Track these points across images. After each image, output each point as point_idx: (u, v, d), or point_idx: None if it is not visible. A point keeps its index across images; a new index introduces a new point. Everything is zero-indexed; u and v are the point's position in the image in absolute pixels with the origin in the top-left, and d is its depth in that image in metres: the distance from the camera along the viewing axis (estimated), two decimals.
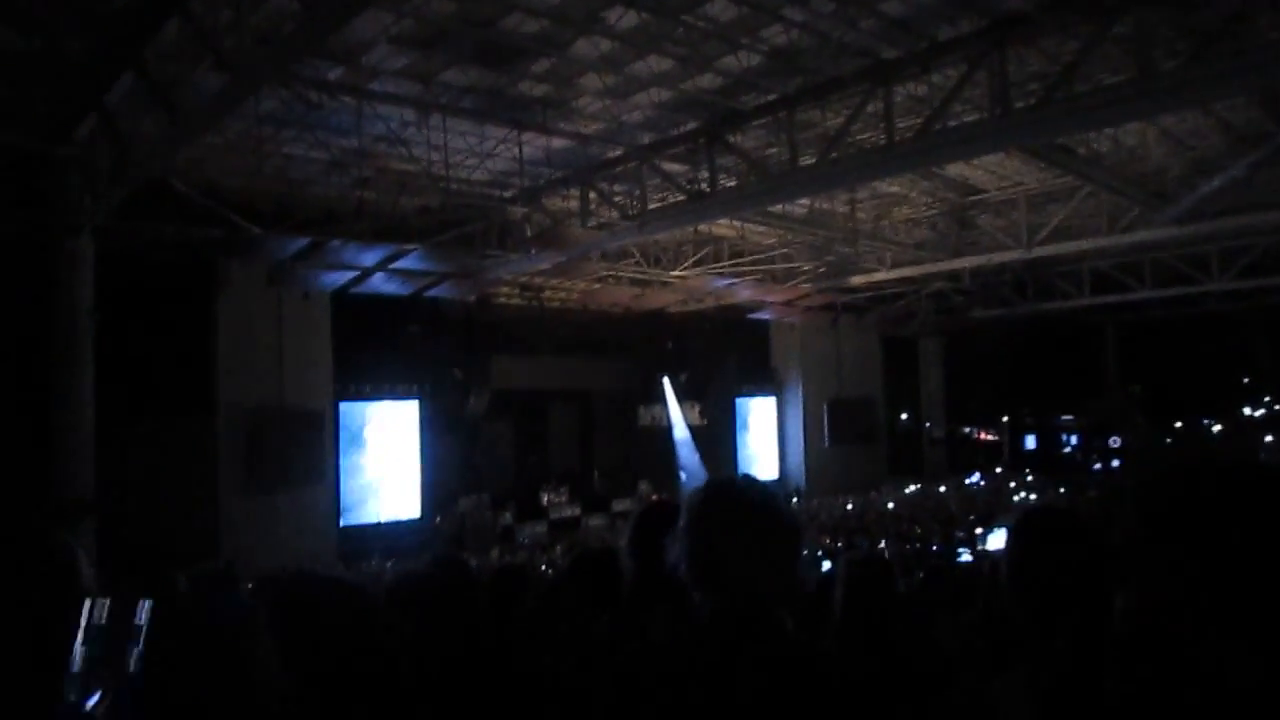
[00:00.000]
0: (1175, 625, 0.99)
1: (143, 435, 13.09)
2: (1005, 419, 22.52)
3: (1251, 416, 23.29)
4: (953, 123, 10.07)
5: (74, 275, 11.16)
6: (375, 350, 17.16)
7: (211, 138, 10.36)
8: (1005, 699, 1.52)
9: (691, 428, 21.72)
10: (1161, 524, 0.99)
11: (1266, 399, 23.29)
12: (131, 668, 1.20)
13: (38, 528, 1.14)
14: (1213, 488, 0.99)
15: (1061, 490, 15.85)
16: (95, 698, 1.38)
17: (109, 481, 11.29)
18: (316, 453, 15.65)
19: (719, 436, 22.32)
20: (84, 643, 1.19)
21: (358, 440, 17.02)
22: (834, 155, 10.75)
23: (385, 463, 17.33)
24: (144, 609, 1.19)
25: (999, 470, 21.69)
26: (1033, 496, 17.14)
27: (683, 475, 21.09)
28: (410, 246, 13.98)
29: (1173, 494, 1.01)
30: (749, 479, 1.67)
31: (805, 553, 1.75)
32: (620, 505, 20.93)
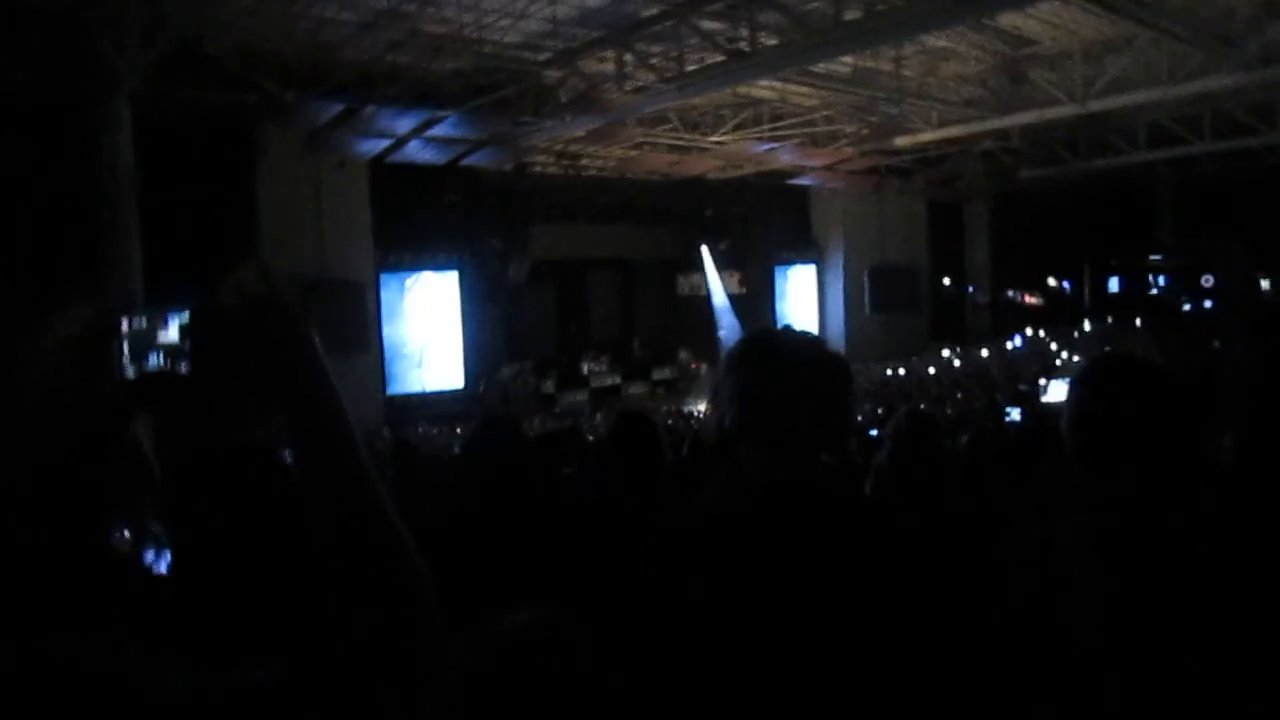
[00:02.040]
0: None
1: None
2: (1070, 292, 22.01)
3: None
4: None
5: (113, 139, 11.14)
6: (414, 220, 17.17)
7: None
8: (1063, 541, 1.53)
9: (731, 296, 21.67)
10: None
11: None
12: None
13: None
14: None
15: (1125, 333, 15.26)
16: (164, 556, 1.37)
17: None
18: (359, 322, 15.89)
19: (758, 305, 22.26)
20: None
21: (399, 310, 17.24)
22: (880, 8, 10.25)
23: (427, 332, 17.58)
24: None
25: (1042, 333, 21.45)
26: (1075, 358, 16.98)
27: (723, 342, 21.18)
28: (445, 113, 13.75)
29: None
30: (789, 327, 1.64)
31: (853, 403, 1.72)
32: (660, 374, 21.18)
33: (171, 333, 1.06)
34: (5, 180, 10.87)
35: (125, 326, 1.07)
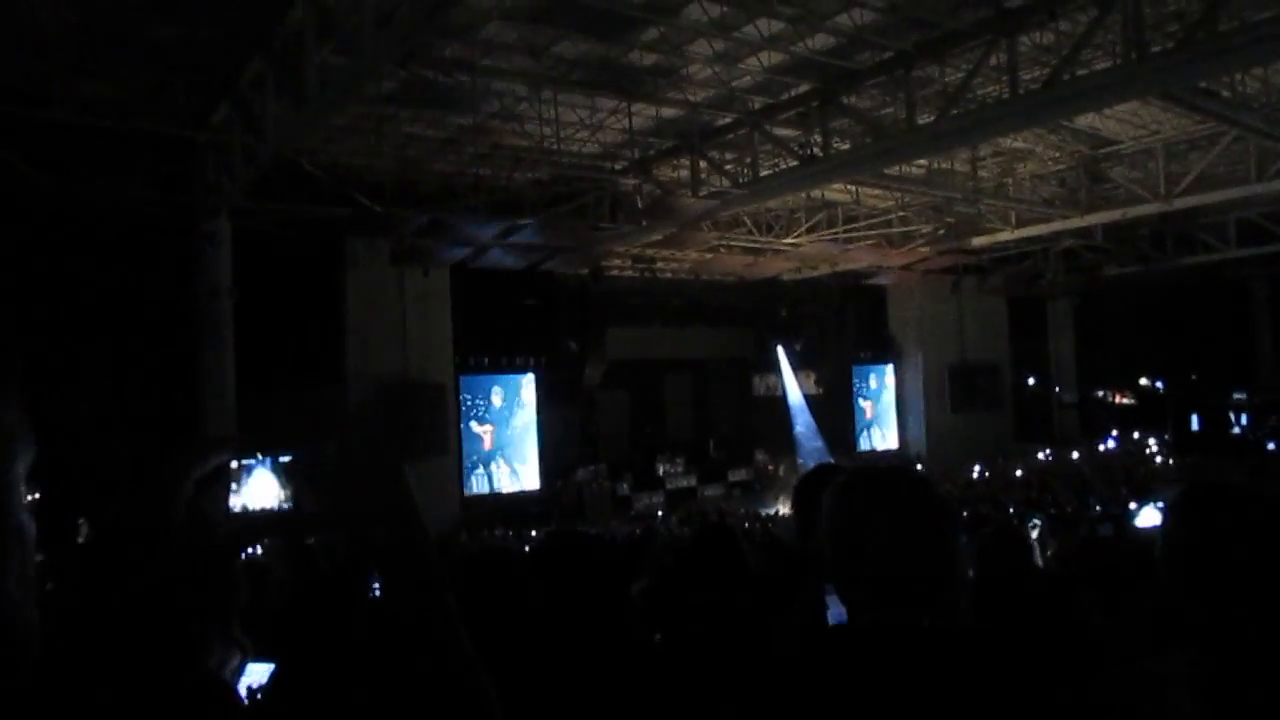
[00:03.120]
0: None
1: (277, 407, 13.74)
2: (1167, 392, 21.27)
3: None
4: (1082, 71, 9.51)
5: (213, 254, 11.82)
6: (493, 323, 17.57)
7: (335, 119, 10.72)
8: (1171, 682, 1.43)
9: (807, 396, 21.46)
10: None
11: None
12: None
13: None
14: None
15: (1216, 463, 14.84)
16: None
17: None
18: (439, 424, 16.17)
19: (836, 405, 21.98)
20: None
21: (477, 412, 17.50)
22: (954, 112, 10.32)
23: (504, 434, 17.77)
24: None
25: (1135, 434, 20.64)
26: (1170, 461, 16.25)
27: (799, 441, 20.90)
28: (525, 221, 14.20)
29: None
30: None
31: (960, 539, 1.66)
32: (736, 475, 20.92)
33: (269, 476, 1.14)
34: (113, 292, 11.54)
35: (235, 464, 1.15)
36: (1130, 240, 19.51)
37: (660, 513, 18.08)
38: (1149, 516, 5.42)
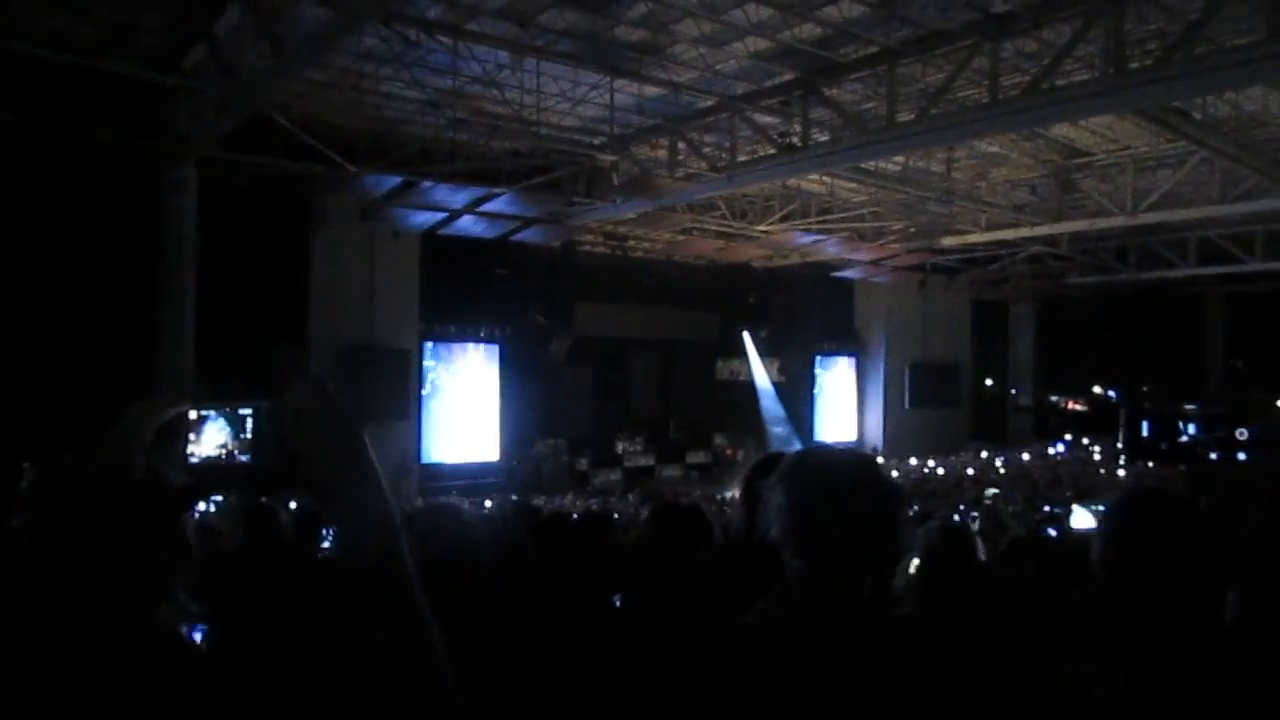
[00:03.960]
0: None
1: (236, 363, 13.55)
2: (1119, 400, 21.72)
3: None
4: (1061, 82, 9.63)
5: (179, 203, 11.58)
6: (461, 292, 17.46)
7: (313, 73, 10.55)
8: (1098, 682, 1.50)
9: (771, 383, 21.65)
10: None
11: None
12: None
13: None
14: None
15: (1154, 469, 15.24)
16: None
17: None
18: (400, 389, 16.07)
19: (797, 394, 22.18)
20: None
21: (440, 380, 17.41)
22: (934, 112, 10.40)
23: (466, 403, 17.71)
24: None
25: (1085, 440, 21.06)
26: (1120, 472, 16.61)
27: (770, 428, 21.06)
28: (500, 190, 14.09)
29: None
30: (842, 446, 1.66)
31: (907, 516, 1.72)
32: (694, 457, 21.05)
33: (222, 427, 1.15)
34: (73, 236, 11.29)
35: (194, 414, 1.16)
36: (1094, 251, 19.86)
37: (625, 492, 18.14)
38: (1083, 519, 5.60)
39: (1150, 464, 16.44)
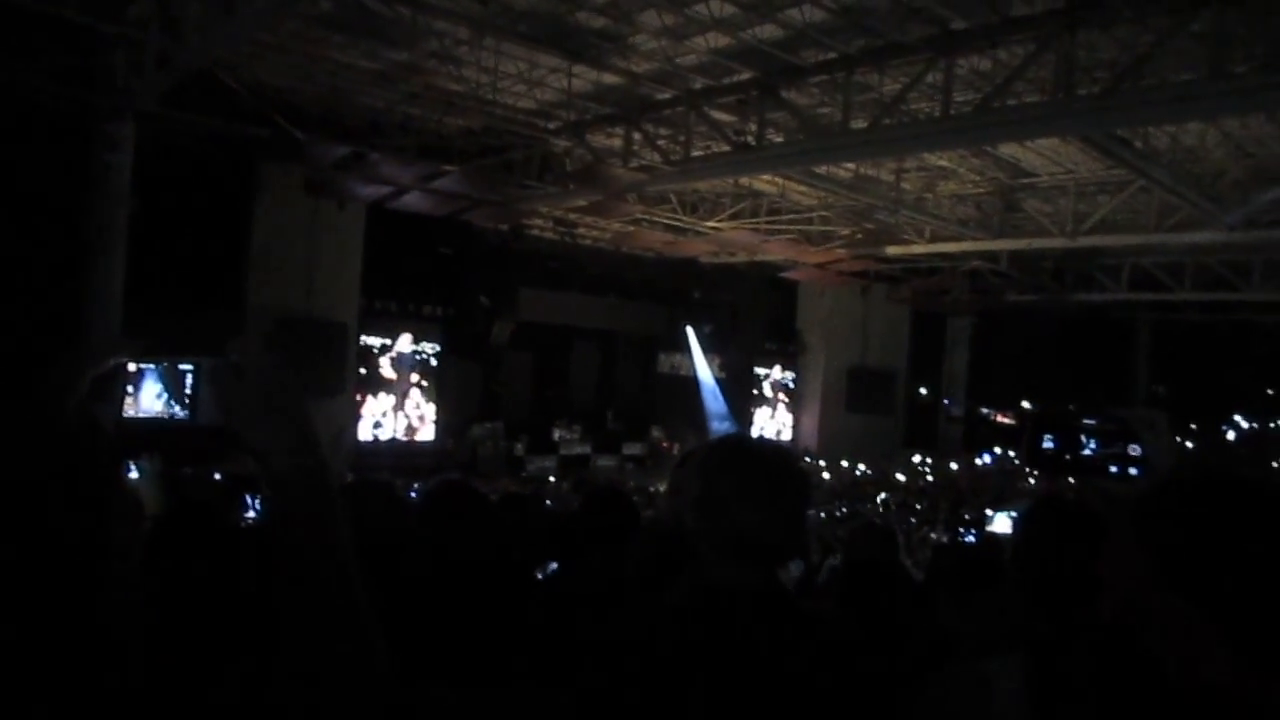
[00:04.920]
0: (1147, 633, 0.97)
1: (169, 329, 13.21)
2: (1026, 412, 22.36)
3: (1275, 427, 23.04)
4: (1012, 102, 9.84)
5: (113, 158, 11.17)
6: (405, 268, 17.22)
7: (263, 34, 10.28)
8: (1001, 681, 1.54)
9: (714, 379, 21.84)
10: (1146, 533, 0.96)
11: None
12: None
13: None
14: (1199, 502, 0.96)
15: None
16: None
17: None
18: (338, 364, 15.79)
19: (736, 392, 22.36)
20: None
21: (375, 356, 17.17)
22: (887, 121, 10.55)
23: (404, 382, 17.50)
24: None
25: (1012, 453, 21.63)
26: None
27: (711, 423, 21.21)
28: (450, 167, 13.93)
29: (1162, 505, 0.98)
30: (761, 436, 1.68)
31: (811, 508, 1.75)
32: (631, 449, 21.11)
33: (159, 383, 1.12)
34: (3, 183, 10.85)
35: (131, 367, 1.13)
36: (1032, 269, 20.37)
37: (552, 478, 18.12)
38: (1003, 524, 5.76)
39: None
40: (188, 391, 1.13)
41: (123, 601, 1.04)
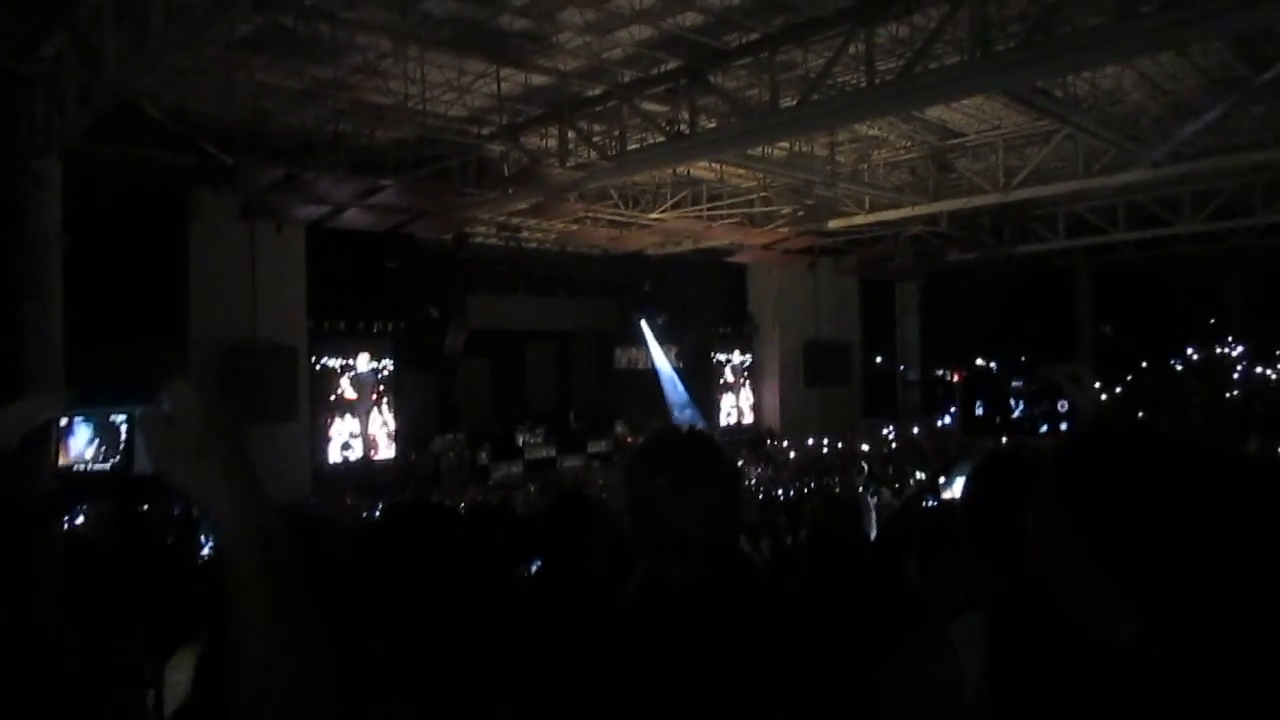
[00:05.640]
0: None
1: (112, 365, 12.91)
2: (957, 381, 22.74)
3: (1224, 355, 23.62)
4: (933, 65, 9.99)
5: (41, 197, 10.93)
6: (350, 286, 17.04)
7: (183, 61, 10.09)
8: (964, 642, 1.57)
9: (672, 369, 21.91)
10: (1058, 490, 0.96)
11: (1230, 339, 23.67)
12: None
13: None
14: (1103, 460, 0.93)
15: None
16: None
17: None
18: (289, 389, 15.56)
19: (696, 379, 22.45)
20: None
21: (331, 377, 16.96)
22: (815, 97, 10.65)
23: (360, 401, 17.32)
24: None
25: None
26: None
27: (676, 412, 21.27)
28: (386, 182, 13.80)
29: (1071, 462, 0.97)
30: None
31: (743, 495, 1.78)
32: (595, 446, 21.11)
33: (92, 434, 1.12)
34: None
35: (63, 420, 1.13)
36: (971, 228, 20.71)
37: (527, 484, 18.06)
38: (958, 486, 5.83)
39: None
40: (123, 440, 1.13)
41: (51, 643, 1.05)
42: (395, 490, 15.82)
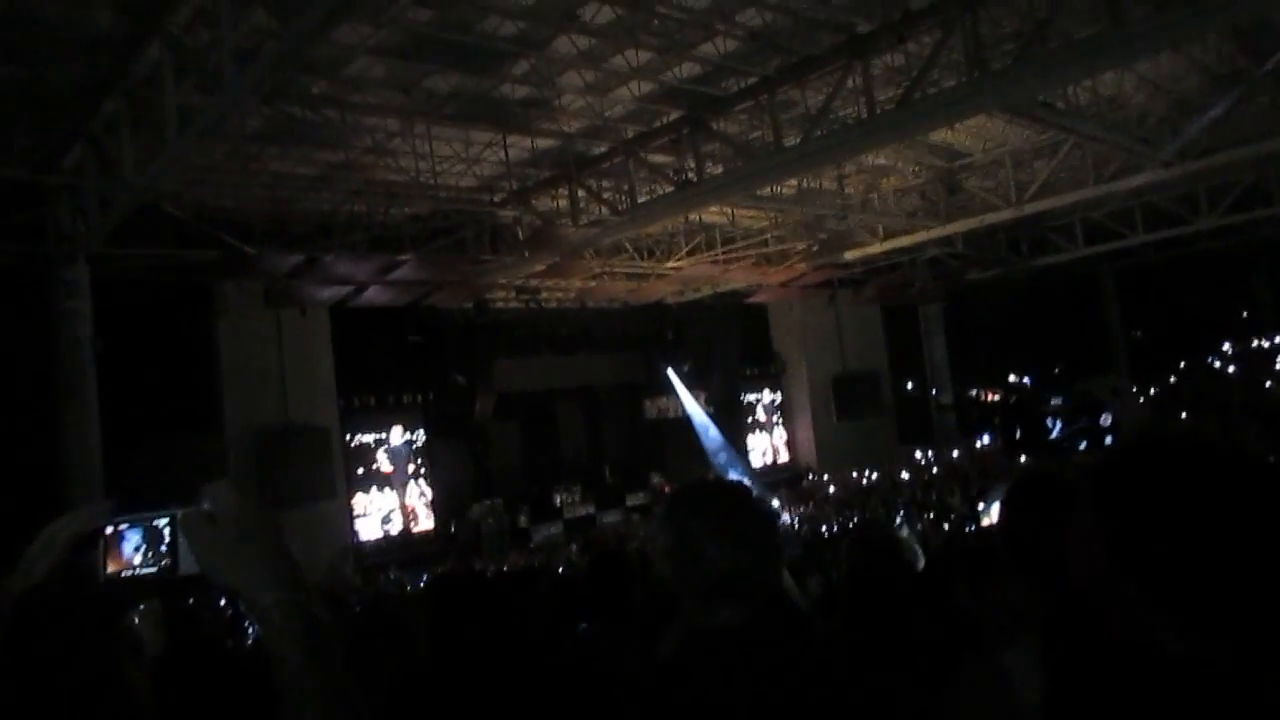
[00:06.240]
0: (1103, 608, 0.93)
1: (151, 458, 13.09)
2: (998, 402, 22.43)
3: (1261, 347, 23.19)
4: (932, 89, 10.06)
5: (72, 304, 11.22)
6: (378, 362, 17.21)
7: (199, 159, 10.38)
8: (1018, 672, 1.54)
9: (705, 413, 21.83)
10: (1100, 510, 0.94)
11: (1264, 331, 23.26)
12: None
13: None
14: (1147, 479, 0.91)
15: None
16: None
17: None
18: (325, 469, 15.69)
19: (727, 422, 22.34)
20: None
21: (365, 455, 17.06)
22: (817, 133, 10.74)
23: (395, 473, 17.38)
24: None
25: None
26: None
27: (712, 458, 21.11)
28: (404, 257, 14.02)
29: (1113, 481, 0.95)
30: (718, 478, 1.70)
31: (781, 536, 1.76)
32: (634, 499, 20.99)
33: (138, 542, 1.16)
34: None
35: (108, 529, 1.17)
36: (989, 245, 20.62)
37: (569, 543, 17.95)
38: (995, 510, 5.71)
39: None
40: (166, 543, 1.16)
41: None
42: (437, 561, 15.79)
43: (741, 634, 1.49)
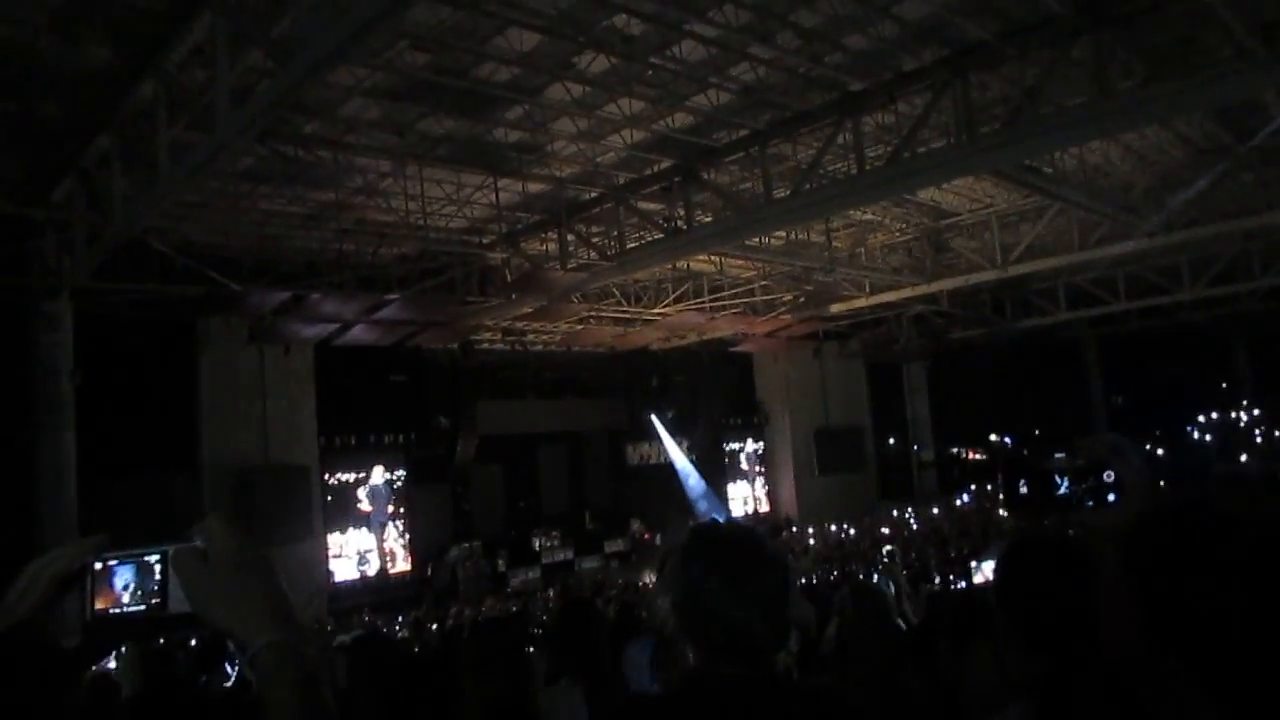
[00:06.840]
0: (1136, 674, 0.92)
1: (127, 495, 12.90)
2: (998, 454, 22.51)
3: (1238, 418, 23.45)
4: (921, 149, 10.22)
5: (53, 338, 11.12)
6: (360, 402, 17.07)
7: (188, 196, 10.38)
8: None
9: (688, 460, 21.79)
10: (1137, 570, 0.92)
11: (1244, 402, 23.55)
12: None
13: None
14: (1179, 551, 0.90)
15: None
16: None
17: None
18: (303, 509, 15.47)
19: (707, 471, 22.26)
20: None
21: (345, 494, 16.86)
22: (807, 187, 10.86)
23: (375, 513, 17.17)
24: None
25: (989, 487, 21.69)
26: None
27: (694, 505, 21.00)
28: (391, 296, 13.99)
29: (1145, 550, 0.93)
30: (731, 522, 1.67)
31: (793, 590, 1.73)
32: (612, 546, 20.81)
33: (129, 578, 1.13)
34: None
35: (97, 565, 1.15)
36: (973, 305, 20.81)
37: (546, 588, 17.71)
38: (989, 569, 5.70)
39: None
40: (157, 580, 1.13)
41: None
42: (412, 605, 15.53)
43: (746, 680, 1.45)
